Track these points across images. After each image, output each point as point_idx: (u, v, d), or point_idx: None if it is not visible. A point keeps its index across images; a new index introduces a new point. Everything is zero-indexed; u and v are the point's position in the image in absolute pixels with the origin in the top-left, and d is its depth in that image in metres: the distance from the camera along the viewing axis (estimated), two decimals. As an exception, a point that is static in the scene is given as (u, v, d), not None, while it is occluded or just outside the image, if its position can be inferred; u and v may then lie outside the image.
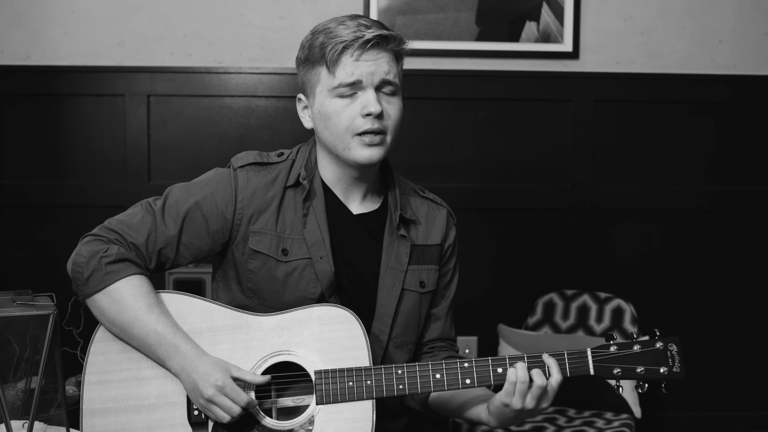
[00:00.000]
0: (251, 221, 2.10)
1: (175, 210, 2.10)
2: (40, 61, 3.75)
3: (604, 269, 3.98)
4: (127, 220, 2.11)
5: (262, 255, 2.10)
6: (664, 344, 2.03)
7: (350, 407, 1.97)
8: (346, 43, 2.01)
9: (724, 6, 3.92)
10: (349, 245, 2.16)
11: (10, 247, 3.80)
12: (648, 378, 2.02)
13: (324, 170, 2.17)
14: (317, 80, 2.07)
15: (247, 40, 3.80)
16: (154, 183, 3.77)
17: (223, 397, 1.92)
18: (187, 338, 1.99)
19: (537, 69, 3.88)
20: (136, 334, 2.00)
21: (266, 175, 2.14)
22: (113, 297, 2.01)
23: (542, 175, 3.94)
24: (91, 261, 2.02)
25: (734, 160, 3.99)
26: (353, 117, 2.03)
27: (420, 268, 2.21)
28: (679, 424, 4.06)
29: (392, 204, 2.21)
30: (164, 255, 2.10)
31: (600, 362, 2.00)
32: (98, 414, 2.01)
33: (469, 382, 2.00)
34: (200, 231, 2.11)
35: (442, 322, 2.29)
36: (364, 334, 2.01)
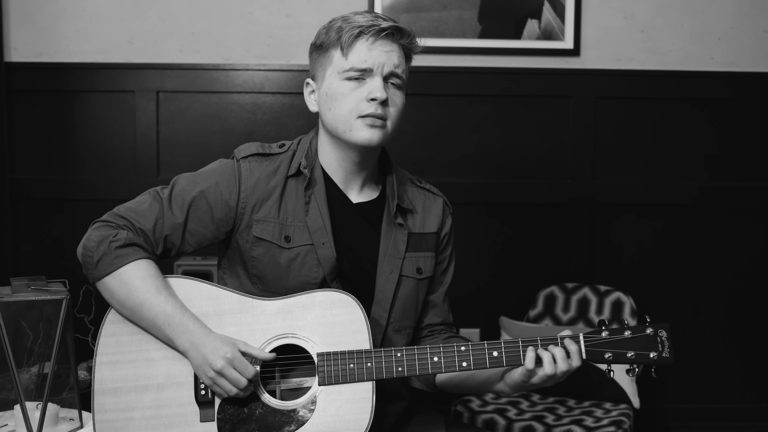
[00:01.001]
0: (254, 210, 2.17)
1: (181, 198, 2.17)
2: (51, 58, 3.81)
3: (604, 263, 4.01)
4: (136, 207, 2.18)
5: (266, 242, 2.17)
6: (654, 330, 2.08)
7: (351, 388, 2.04)
8: (362, 28, 2.09)
9: (723, 4, 3.95)
10: (349, 233, 2.23)
11: (22, 240, 3.86)
12: (638, 362, 2.07)
13: (325, 158, 2.23)
14: (329, 63, 2.14)
15: (255, 38, 3.85)
16: (163, 177, 3.82)
17: (231, 370, 1.99)
18: (194, 318, 2.06)
19: (539, 66, 3.92)
20: (145, 315, 2.07)
21: (268, 166, 2.21)
22: (122, 280, 2.08)
23: (544, 171, 3.98)
24: (100, 245, 2.09)
25: (733, 156, 4.02)
26: (359, 100, 2.11)
27: (417, 255, 2.28)
28: (677, 415, 4.10)
29: (390, 193, 2.27)
30: (170, 241, 2.17)
31: (592, 346, 2.06)
32: (109, 393, 2.08)
33: (465, 365, 2.06)
34: (205, 219, 2.18)
35: (440, 308, 2.37)
36: (365, 319, 2.08)
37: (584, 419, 3.26)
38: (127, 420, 2.06)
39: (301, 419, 2.03)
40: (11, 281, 2.32)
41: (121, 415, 2.07)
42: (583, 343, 2.07)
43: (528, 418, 3.28)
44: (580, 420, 3.25)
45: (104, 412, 2.07)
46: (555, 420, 3.26)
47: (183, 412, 2.06)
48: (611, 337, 2.08)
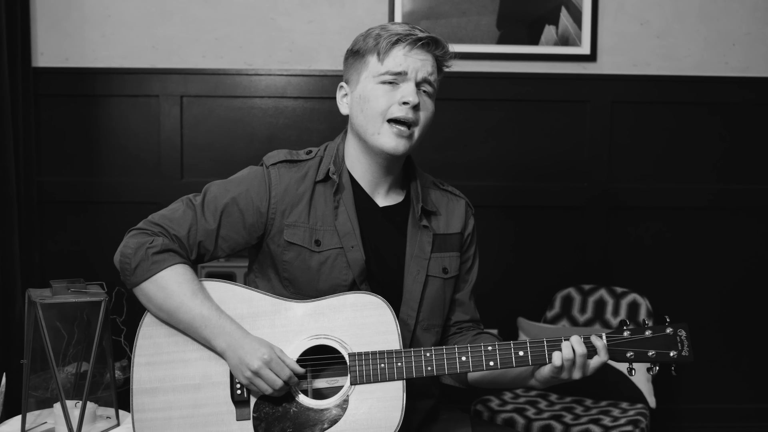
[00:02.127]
0: (285, 215, 2.24)
1: (214, 205, 2.24)
2: (78, 63, 3.87)
3: (620, 265, 4.06)
4: (170, 214, 2.25)
5: (297, 246, 2.24)
6: (674, 330, 2.15)
7: (382, 387, 2.11)
8: (400, 36, 2.18)
9: (738, 10, 4.00)
10: (376, 236, 2.30)
11: (48, 241, 3.91)
12: (659, 361, 2.14)
13: (353, 163, 2.30)
14: (364, 67, 2.22)
15: (277, 43, 3.91)
16: (186, 180, 3.89)
17: (268, 371, 2.06)
18: (230, 320, 2.13)
19: (556, 71, 3.97)
20: (182, 318, 2.14)
21: (297, 172, 2.27)
22: (160, 285, 2.15)
23: (560, 174, 4.03)
24: (138, 252, 2.16)
25: (747, 160, 4.07)
26: (390, 103, 2.18)
27: (442, 255, 2.35)
28: (692, 414, 4.15)
29: (414, 197, 2.34)
30: (204, 247, 2.24)
31: (614, 346, 2.13)
32: (147, 393, 2.15)
33: (492, 365, 2.13)
34: (237, 225, 2.25)
35: (466, 306, 2.44)
36: (394, 320, 2.14)
37: (602, 418, 3.32)
38: (165, 419, 2.13)
39: (334, 417, 2.10)
40: (51, 283, 2.40)
41: (159, 414, 2.14)
42: (606, 342, 2.13)
43: (546, 417, 3.33)
44: (598, 419, 3.30)
45: (143, 411, 2.14)
46: (573, 419, 3.32)
47: (219, 411, 2.13)
48: (632, 337, 2.15)
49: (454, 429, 2.33)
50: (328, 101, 3.91)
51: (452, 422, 2.37)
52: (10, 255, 3.47)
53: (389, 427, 2.08)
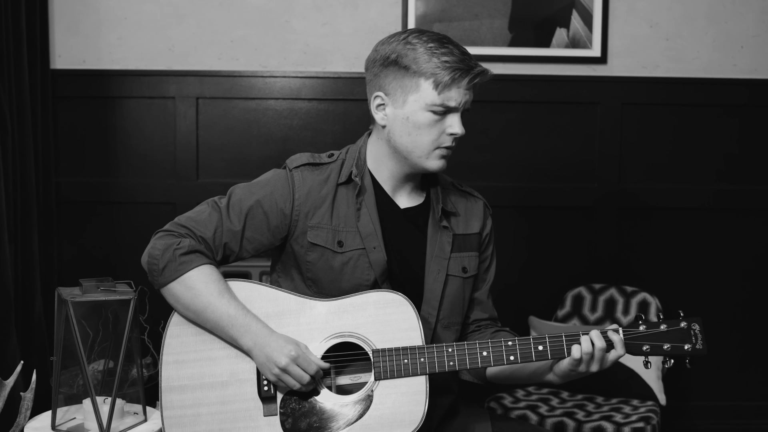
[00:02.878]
0: (308, 216, 2.29)
1: (239, 207, 2.29)
2: (95, 65, 3.92)
3: (630, 264, 4.10)
4: (196, 216, 2.30)
5: (320, 247, 2.29)
6: (688, 324, 2.22)
7: (406, 382, 2.16)
8: (460, 71, 2.20)
9: (746, 13, 4.04)
10: (398, 236, 2.35)
11: (65, 241, 3.96)
12: (674, 354, 2.20)
13: (377, 167, 2.35)
14: (414, 89, 2.23)
15: (291, 46, 3.95)
16: (202, 181, 3.94)
17: (295, 367, 2.12)
18: (256, 319, 2.19)
19: (567, 73, 4.01)
20: (209, 317, 2.19)
21: (319, 175, 2.33)
22: (187, 285, 2.21)
23: (571, 175, 4.08)
24: (165, 253, 2.21)
25: (756, 161, 4.11)
26: (440, 133, 2.25)
27: (462, 255, 2.41)
28: (702, 412, 4.19)
29: (434, 198, 2.40)
30: (229, 248, 2.29)
31: (631, 339, 2.19)
32: (176, 390, 2.21)
33: (512, 359, 2.18)
34: (261, 226, 2.30)
35: (485, 304, 2.50)
36: (416, 317, 2.20)
37: (613, 415, 3.37)
38: (194, 416, 2.19)
39: (360, 412, 2.15)
40: (81, 282, 2.45)
41: (188, 411, 2.19)
42: (623, 336, 2.19)
43: (559, 414, 3.38)
44: (610, 416, 3.35)
45: (172, 408, 2.20)
46: (585, 416, 3.37)
47: (247, 407, 2.19)
48: (648, 331, 2.21)
49: (474, 424, 2.38)
50: (342, 103, 3.96)
51: (472, 417, 2.41)
52: (30, 255, 3.51)
53: (413, 421, 2.13)
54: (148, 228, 3.88)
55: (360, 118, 3.91)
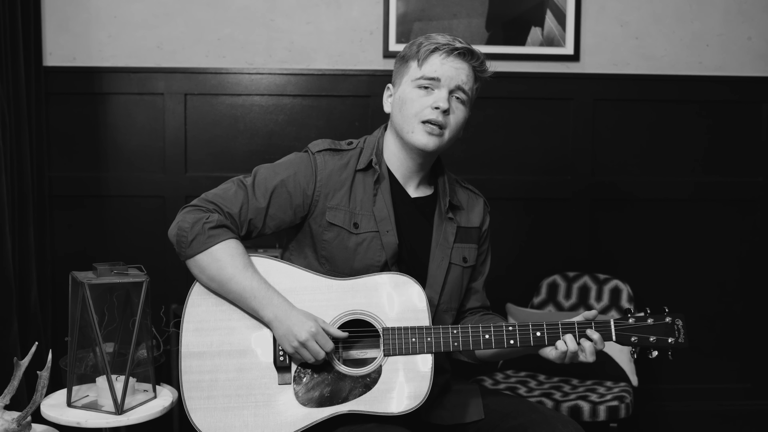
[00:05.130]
0: (328, 198, 2.44)
1: (264, 186, 2.43)
2: (85, 62, 3.98)
3: (602, 253, 4.23)
4: (222, 193, 2.43)
5: (337, 227, 2.43)
6: (672, 319, 2.43)
7: (413, 359, 2.31)
8: (439, 45, 2.39)
9: (712, 13, 4.18)
10: (407, 223, 2.50)
11: (58, 234, 4.02)
12: (658, 346, 2.40)
13: (390, 157, 2.51)
14: (406, 71, 2.44)
15: (277, 44, 4.05)
16: (190, 175, 4.03)
17: (313, 343, 2.26)
18: (277, 293, 2.32)
19: (541, 70, 4.13)
20: (233, 288, 2.32)
21: (339, 160, 2.48)
22: (214, 257, 2.33)
23: (546, 168, 4.19)
24: (195, 226, 2.34)
25: (721, 154, 4.25)
26: (424, 106, 2.39)
27: (463, 246, 2.57)
28: (672, 394, 4.34)
29: (442, 191, 2.57)
30: (253, 224, 2.43)
31: (621, 331, 2.38)
32: (195, 356, 2.33)
33: (512, 343, 2.35)
34: (285, 205, 2.44)
35: (480, 294, 2.68)
36: (425, 299, 2.35)
37: (589, 395, 3.52)
38: (212, 381, 2.32)
39: (368, 384, 2.30)
40: (95, 266, 2.57)
41: (206, 376, 2.32)
42: (614, 327, 2.37)
43: (538, 394, 3.53)
44: (586, 396, 3.50)
45: (191, 373, 2.33)
46: (562, 396, 3.51)
47: (262, 375, 2.33)
48: (637, 324, 2.40)
49: (466, 398, 2.53)
50: (325, 99, 4.07)
51: (464, 393, 2.56)
52: (26, 247, 3.61)
53: (418, 396, 2.28)
54: (138, 220, 4.03)
55: (343, 114, 4.05)
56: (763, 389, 4.41)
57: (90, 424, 2.52)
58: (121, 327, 2.70)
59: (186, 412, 2.32)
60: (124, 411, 2.56)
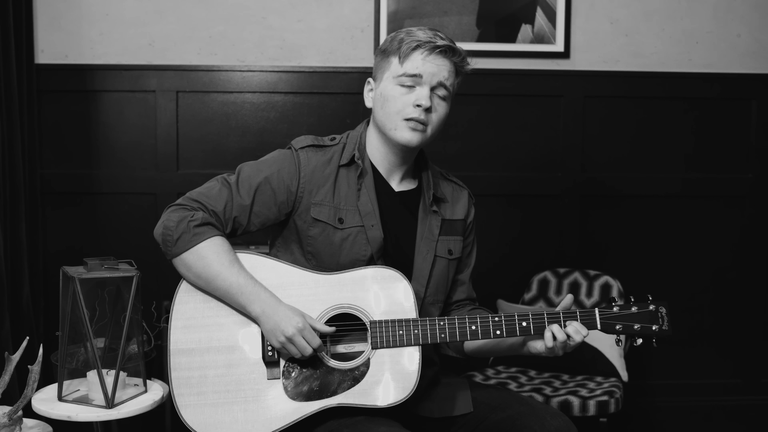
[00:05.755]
0: (312, 194, 2.45)
1: (248, 184, 2.44)
2: (77, 60, 3.99)
3: (593, 249, 4.25)
4: (207, 192, 2.45)
5: (322, 223, 2.45)
6: (656, 307, 2.44)
7: (400, 352, 2.33)
8: (420, 42, 2.39)
9: (701, 10, 4.21)
10: (392, 217, 2.52)
11: (50, 231, 4.03)
12: (643, 334, 2.42)
13: (373, 151, 2.52)
14: (387, 67, 2.44)
15: (268, 41, 4.06)
16: (182, 172, 4.04)
17: (300, 338, 2.28)
18: (264, 288, 2.34)
19: (531, 67, 4.15)
20: (219, 285, 2.34)
21: (323, 156, 2.49)
22: (200, 254, 2.35)
23: (536, 165, 4.21)
24: (180, 225, 2.36)
25: (711, 150, 4.27)
26: (406, 104, 2.41)
27: (448, 238, 2.59)
28: (662, 389, 4.37)
29: (426, 185, 2.58)
30: (238, 222, 2.45)
31: (605, 319, 2.40)
32: (184, 353, 2.35)
33: (499, 333, 2.37)
34: (269, 201, 2.45)
35: (466, 286, 2.69)
36: (412, 291, 2.37)
37: (579, 390, 3.54)
38: (201, 377, 2.34)
39: (357, 377, 2.32)
40: (86, 261, 2.59)
41: (195, 372, 2.34)
42: (599, 316, 2.39)
43: (528, 390, 3.55)
44: (576, 391, 3.53)
45: (180, 370, 2.34)
46: (552, 391, 3.54)
47: (251, 370, 2.34)
48: (621, 312, 2.42)
49: (455, 391, 2.54)
50: (317, 96, 4.09)
51: (453, 386, 2.58)
52: (17, 243, 3.62)
53: (406, 388, 2.30)
54: (130, 217, 4.04)
55: (334, 111, 4.06)
56: (754, 385, 4.44)
57: (81, 417, 2.54)
58: (112, 322, 2.71)
59: (176, 409, 2.34)
60: (115, 405, 2.57)
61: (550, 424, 2.36)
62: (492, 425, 2.43)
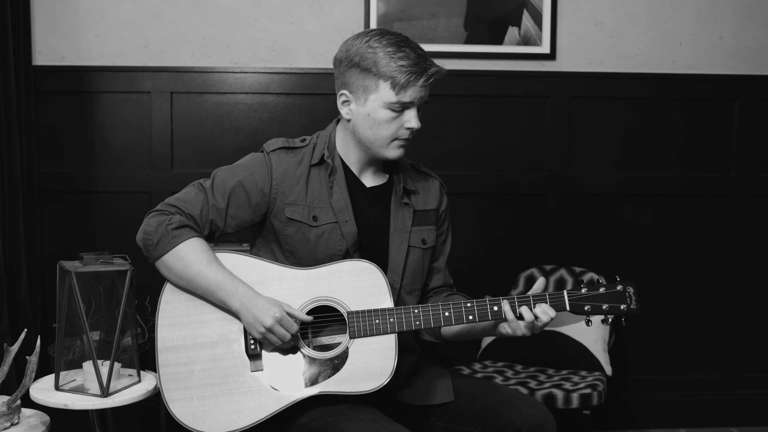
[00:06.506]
0: (285, 195, 2.55)
1: (223, 188, 2.55)
2: (74, 61, 4.07)
3: (578, 246, 4.33)
4: (183, 197, 2.56)
5: (297, 222, 2.55)
6: (624, 287, 2.54)
7: (377, 340, 2.43)
8: (416, 74, 2.45)
9: (684, 13, 4.28)
10: (365, 212, 2.62)
11: (47, 229, 4.11)
12: (611, 313, 2.51)
13: (344, 151, 2.62)
14: (374, 89, 2.48)
15: (260, 43, 4.13)
16: (176, 171, 4.11)
17: (279, 327, 2.38)
18: (243, 283, 2.44)
19: (518, 69, 4.22)
20: (200, 284, 2.44)
21: (294, 157, 2.59)
22: (179, 255, 2.46)
23: (523, 164, 4.29)
24: (158, 229, 2.47)
25: (694, 150, 4.34)
26: (398, 128, 2.51)
27: (421, 228, 2.69)
28: (645, 384, 4.45)
29: (396, 178, 2.68)
30: (215, 224, 2.55)
31: (574, 301, 2.49)
32: (171, 350, 2.45)
33: (471, 318, 2.47)
34: (243, 204, 2.55)
35: (442, 273, 2.79)
36: (386, 282, 2.47)
37: (563, 383, 3.62)
38: (187, 372, 2.44)
39: (337, 366, 2.42)
40: (82, 255, 2.68)
41: (182, 368, 2.44)
42: (567, 298, 2.49)
43: (514, 383, 3.62)
44: (560, 384, 3.61)
45: (167, 366, 2.44)
46: (537, 385, 3.62)
47: (235, 364, 2.44)
48: (589, 293, 2.52)
49: (436, 380, 2.64)
50: (308, 97, 4.16)
51: (433, 375, 2.68)
52: (16, 241, 3.70)
53: (384, 374, 2.40)
54: (125, 216, 4.12)
55: (325, 111, 4.14)
56: (737, 380, 4.51)
57: (77, 405, 2.63)
58: (107, 316, 2.80)
59: (165, 403, 2.44)
60: (110, 394, 2.66)
61: (528, 413, 2.46)
62: (472, 414, 2.52)
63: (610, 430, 4.38)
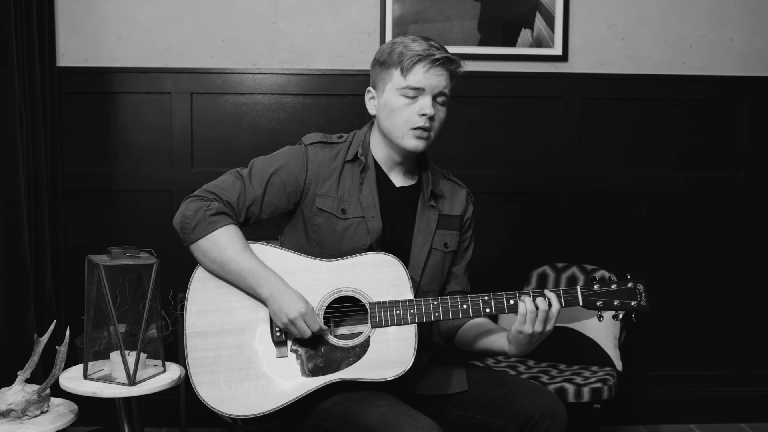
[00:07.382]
0: (318, 186, 2.64)
1: (260, 176, 2.64)
2: (96, 63, 4.15)
3: (589, 244, 4.37)
4: (221, 184, 2.65)
5: (326, 213, 2.64)
6: (634, 284, 2.61)
7: (397, 330, 2.52)
8: (420, 56, 2.55)
9: (695, 15, 4.33)
10: (392, 210, 2.71)
11: (70, 226, 4.20)
12: (622, 309, 2.59)
13: (376, 150, 2.72)
14: (389, 79, 2.61)
15: (279, 45, 4.21)
16: (196, 170, 4.19)
17: (301, 321, 2.47)
18: (273, 272, 2.53)
19: (531, 70, 4.28)
20: (233, 268, 2.53)
21: (329, 152, 2.69)
22: (215, 241, 2.54)
23: (536, 163, 4.34)
24: (197, 213, 2.55)
25: (704, 150, 4.39)
26: (412, 114, 2.59)
27: (445, 232, 2.77)
28: (655, 380, 4.49)
29: (425, 181, 2.76)
30: (250, 211, 2.64)
31: (586, 296, 2.56)
32: (199, 336, 2.54)
33: (488, 311, 2.55)
34: (279, 192, 2.64)
35: (460, 279, 2.87)
36: (407, 275, 2.55)
37: (575, 378, 3.68)
38: (215, 357, 2.52)
39: (358, 354, 2.50)
40: (109, 249, 2.77)
41: (210, 353, 2.52)
42: (580, 293, 2.56)
43: (526, 378, 3.68)
44: (571, 379, 3.67)
45: (195, 351, 2.53)
46: (549, 379, 3.68)
47: (261, 350, 2.53)
48: (601, 289, 2.59)
49: (451, 370, 2.72)
50: (325, 98, 4.24)
51: (449, 366, 2.75)
52: (41, 238, 3.79)
53: (404, 363, 2.48)
54: (145, 214, 4.21)
55: (342, 112, 4.22)
56: (746, 376, 4.56)
57: (105, 393, 2.72)
58: (133, 309, 2.89)
59: (193, 386, 2.52)
60: (136, 383, 2.75)
61: (539, 401, 2.54)
62: (485, 402, 2.60)
63: (620, 425, 4.44)
